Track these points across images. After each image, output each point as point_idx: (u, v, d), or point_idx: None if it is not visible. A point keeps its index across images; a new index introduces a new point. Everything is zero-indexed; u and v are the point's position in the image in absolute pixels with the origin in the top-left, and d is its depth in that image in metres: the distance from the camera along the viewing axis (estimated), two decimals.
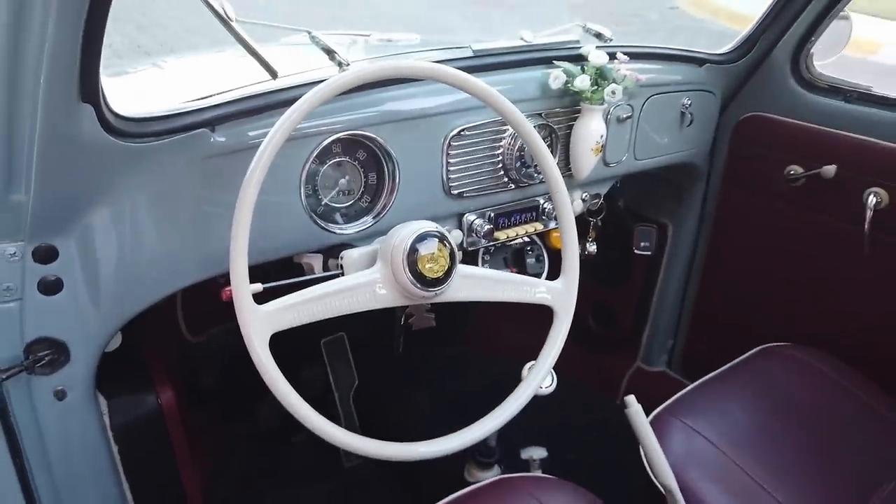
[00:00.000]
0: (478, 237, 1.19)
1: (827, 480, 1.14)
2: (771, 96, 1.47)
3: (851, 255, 1.39)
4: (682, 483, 1.03)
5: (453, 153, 1.10)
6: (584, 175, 1.25)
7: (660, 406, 1.24)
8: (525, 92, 1.16)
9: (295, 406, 0.81)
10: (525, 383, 0.97)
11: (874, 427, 1.25)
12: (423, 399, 1.75)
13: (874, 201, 1.33)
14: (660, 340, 1.80)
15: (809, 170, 1.40)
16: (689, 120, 1.42)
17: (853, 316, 1.44)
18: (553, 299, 0.99)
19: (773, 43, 1.44)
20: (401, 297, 0.88)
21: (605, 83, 1.15)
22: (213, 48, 1.58)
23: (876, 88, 1.38)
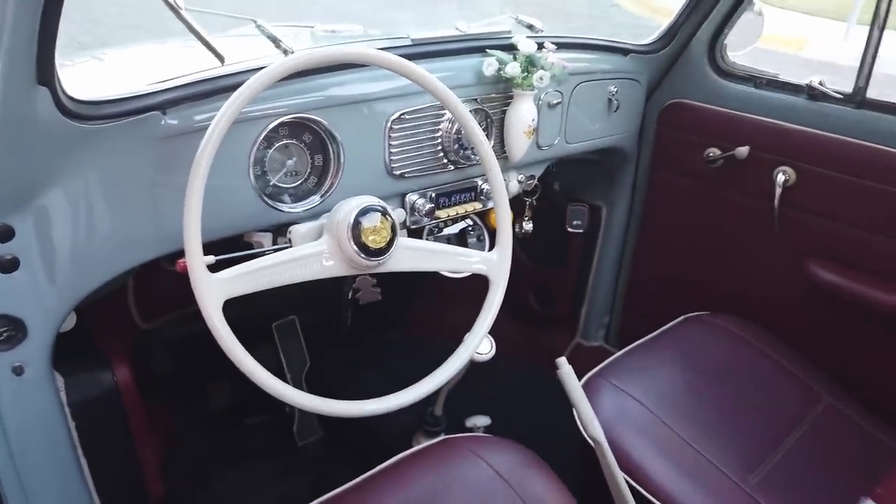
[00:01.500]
0: (420, 216, 1.26)
1: (743, 432, 1.25)
2: (691, 84, 1.59)
3: (764, 229, 1.52)
4: (610, 437, 1.13)
5: (395, 136, 1.17)
6: (518, 157, 1.33)
7: (592, 370, 1.34)
8: (461, 78, 1.23)
9: (250, 368, 0.87)
10: (463, 346, 1.04)
11: (786, 385, 1.38)
12: (373, 378, 1.82)
13: (783, 179, 1.46)
14: (597, 316, 1.91)
15: (726, 151, 1.53)
16: (616, 106, 1.52)
17: (767, 285, 1.57)
18: (488, 269, 1.07)
19: (691, 34, 1.56)
20: (346, 268, 0.95)
21: (535, 70, 1.23)
22: (154, 41, 1.61)
23: (782, 75, 1.51)
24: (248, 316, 1.14)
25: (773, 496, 1.13)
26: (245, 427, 1.73)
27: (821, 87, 1.42)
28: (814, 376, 1.39)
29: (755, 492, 1.14)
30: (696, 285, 1.69)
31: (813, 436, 1.27)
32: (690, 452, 1.19)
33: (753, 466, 1.18)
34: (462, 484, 1.05)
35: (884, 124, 1.35)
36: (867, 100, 1.38)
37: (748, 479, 1.16)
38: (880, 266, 1.38)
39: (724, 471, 1.16)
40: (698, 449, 1.19)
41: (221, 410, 1.72)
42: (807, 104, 1.44)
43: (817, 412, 1.31)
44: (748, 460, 1.19)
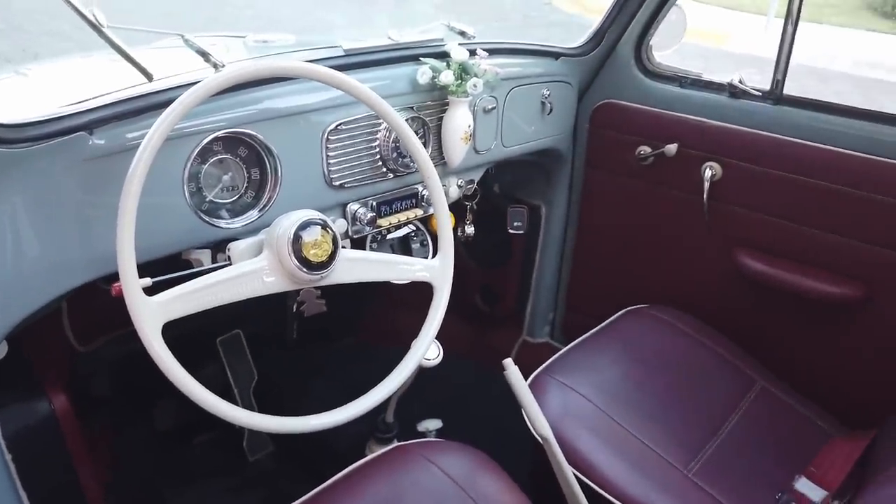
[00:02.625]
0: (362, 225, 1.26)
1: (684, 420, 1.30)
2: (620, 85, 1.64)
3: (695, 222, 1.58)
4: (559, 433, 1.15)
5: (332, 147, 1.16)
6: (456, 163, 1.35)
7: (538, 369, 1.37)
8: (396, 87, 1.24)
9: (194, 391, 0.85)
10: (410, 353, 1.05)
11: (721, 372, 1.44)
12: (324, 387, 1.81)
13: (710, 174, 1.52)
14: (541, 313, 1.95)
15: (656, 149, 1.58)
16: (550, 109, 1.55)
17: (701, 276, 1.63)
18: (431, 276, 1.08)
19: (617, 37, 1.61)
20: (288, 283, 0.95)
21: (468, 77, 1.25)
22: (81, 53, 1.56)
23: (705, 74, 1.57)
24: (190, 333, 1.12)
25: (714, 480, 1.18)
26: (194, 446, 1.69)
27: (741, 85, 1.49)
28: (747, 362, 1.46)
29: (697, 477, 1.18)
30: (635, 279, 1.75)
31: (749, 420, 1.33)
32: (635, 443, 1.23)
33: (695, 453, 1.23)
34: (415, 490, 1.06)
35: (800, 119, 1.43)
36: (784, 96, 1.45)
37: (690, 465, 1.21)
38: (803, 254, 1.45)
39: (668, 459, 1.20)
40: (642, 439, 1.23)
41: (168, 430, 1.68)
42: (729, 102, 1.51)
43: (751, 397, 1.38)
44: (690, 447, 1.24)
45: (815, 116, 1.42)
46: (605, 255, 1.79)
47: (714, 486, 1.17)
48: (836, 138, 1.38)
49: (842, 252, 1.40)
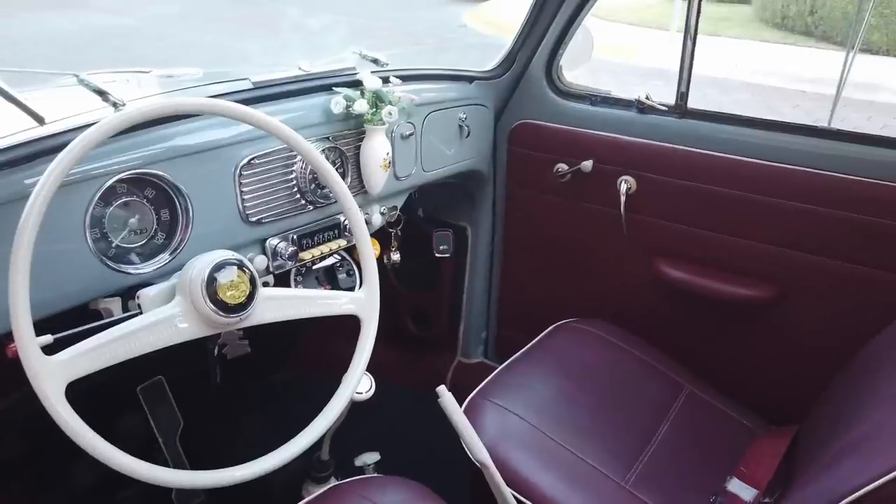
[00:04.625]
0: (283, 260, 1.23)
1: (617, 431, 1.32)
2: (534, 105, 1.67)
3: (616, 235, 1.62)
4: (496, 456, 1.14)
5: (246, 182, 1.13)
6: (377, 191, 1.34)
7: (472, 392, 1.36)
8: (310, 118, 1.22)
9: (106, 454, 0.80)
10: (339, 390, 1.02)
11: (650, 380, 1.47)
12: (253, 428, 1.74)
13: (625, 187, 1.57)
14: (474, 334, 1.95)
15: (573, 166, 1.61)
16: (468, 132, 1.57)
17: (625, 287, 1.67)
18: (357, 308, 1.06)
19: (528, 59, 1.64)
20: (205, 328, 0.90)
21: (383, 105, 1.25)
22: None
23: (615, 92, 1.62)
24: (107, 382, 1.05)
25: (650, 489, 1.20)
26: (119, 501, 1.59)
27: (648, 101, 1.54)
28: (673, 368, 1.50)
29: (634, 488, 1.20)
30: (563, 293, 1.77)
31: (679, 425, 1.36)
32: (572, 459, 1.23)
33: (630, 463, 1.25)
34: None
35: (704, 130, 1.49)
36: (689, 109, 1.52)
37: (627, 476, 1.22)
38: (719, 259, 1.51)
39: (605, 472, 1.21)
40: (579, 455, 1.24)
41: (90, 487, 1.57)
42: (638, 117, 1.56)
43: (680, 402, 1.41)
44: (625, 458, 1.26)
45: (718, 128, 1.48)
46: (533, 272, 1.81)
47: (651, 494, 1.19)
48: (738, 147, 1.45)
49: (754, 255, 1.47)
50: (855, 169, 1.34)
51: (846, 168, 1.35)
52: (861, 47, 1.76)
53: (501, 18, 7.90)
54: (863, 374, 1.20)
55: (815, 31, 7.93)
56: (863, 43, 2.19)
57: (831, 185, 1.36)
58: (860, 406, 1.06)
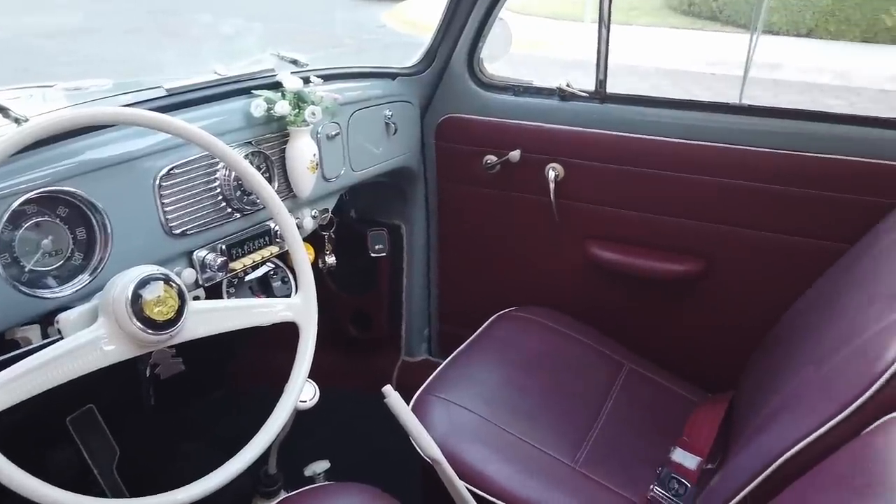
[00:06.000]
0: (213, 271, 1.18)
1: (564, 415, 1.34)
2: (458, 99, 1.68)
3: (548, 222, 1.64)
4: (447, 451, 1.14)
5: (166, 193, 1.08)
6: (306, 194, 1.31)
7: (419, 389, 1.36)
8: (230, 123, 1.18)
9: (31, 488, 0.75)
10: (281, 402, 0.99)
11: (592, 361, 1.50)
12: (196, 448, 1.68)
13: (553, 174, 1.59)
14: (417, 331, 1.94)
15: (501, 157, 1.63)
16: (395, 129, 1.56)
17: (561, 273, 1.70)
18: (294, 314, 1.03)
19: (449, 53, 1.64)
20: (133, 348, 0.86)
21: (305, 106, 1.22)
22: None
23: (536, 81, 1.65)
24: (33, 415, 0.99)
25: (599, 467, 1.23)
26: None
27: (569, 88, 1.57)
28: (613, 348, 1.53)
29: (584, 468, 1.22)
30: (502, 284, 1.79)
31: (622, 402, 1.39)
32: (522, 446, 1.24)
33: (578, 444, 1.27)
34: None
35: (625, 114, 1.53)
36: (609, 94, 1.56)
37: (576, 457, 1.24)
38: (647, 238, 1.56)
39: (555, 455, 1.23)
40: (528, 441, 1.25)
41: None
42: (561, 105, 1.59)
43: (621, 380, 1.45)
44: (573, 440, 1.28)
45: (638, 110, 1.53)
46: (471, 265, 1.82)
47: (601, 473, 1.21)
48: (657, 128, 1.49)
49: (680, 232, 1.52)
50: (766, 142, 1.40)
51: (758, 141, 1.41)
52: (763, 29, 1.85)
53: (420, 17, 7.90)
54: (787, 338, 1.26)
55: (721, 16, 8.29)
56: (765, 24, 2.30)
57: (745, 158, 1.42)
58: (786, 368, 1.11)
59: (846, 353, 0.88)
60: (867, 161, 1.33)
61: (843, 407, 0.76)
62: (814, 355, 1.01)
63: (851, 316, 0.99)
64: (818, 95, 5.98)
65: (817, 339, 1.07)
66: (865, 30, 7.09)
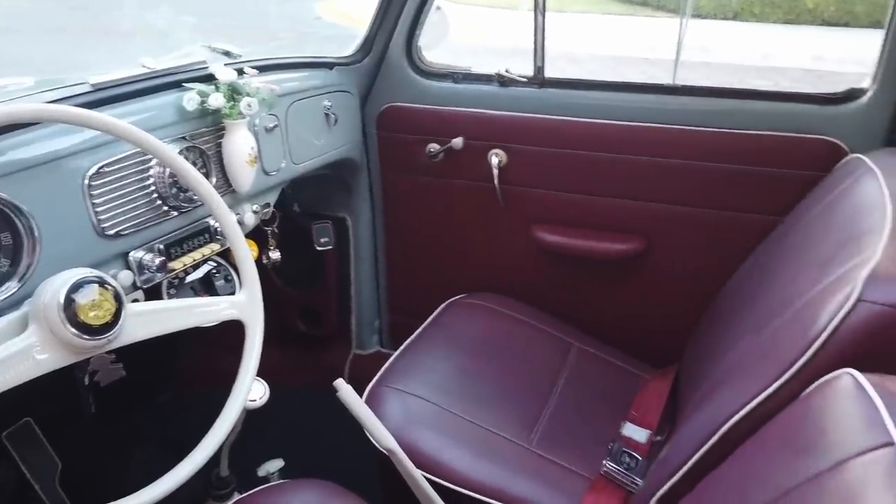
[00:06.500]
0: (151, 272, 1.14)
1: (517, 397, 1.35)
2: (398, 87, 1.66)
3: (493, 208, 1.65)
4: (403, 441, 1.14)
5: (97, 193, 1.04)
6: (246, 189, 1.28)
7: (371, 382, 1.35)
8: (161, 118, 1.14)
9: None
10: (229, 403, 0.97)
11: (542, 343, 1.52)
12: (143, 454, 1.63)
13: (497, 160, 1.60)
14: (367, 324, 1.93)
15: (444, 145, 1.63)
16: (335, 120, 1.53)
17: (508, 258, 1.71)
18: (239, 312, 1.01)
19: (387, 41, 1.63)
20: (68, 356, 0.82)
21: (240, 98, 1.19)
22: None
23: (474, 68, 1.65)
24: None
25: (553, 446, 1.24)
26: None
27: (508, 74, 1.58)
28: (561, 329, 1.56)
29: (539, 447, 1.24)
30: (451, 272, 1.79)
31: (572, 381, 1.42)
32: (477, 431, 1.25)
33: (532, 425, 1.28)
34: None
35: (563, 98, 1.55)
36: (547, 79, 1.57)
37: (531, 438, 1.26)
38: (590, 219, 1.58)
39: (510, 438, 1.24)
40: (483, 425, 1.26)
41: None
42: (501, 91, 1.59)
43: (570, 360, 1.47)
44: (527, 422, 1.29)
45: (576, 94, 1.55)
46: (418, 254, 1.82)
47: (555, 451, 1.23)
48: (596, 111, 1.52)
49: (621, 212, 1.55)
50: (699, 121, 1.45)
51: (692, 120, 1.45)
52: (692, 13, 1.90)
53: (354, 9, 7.80)
54: (726, 310, 1.30)
55: (651, 1, 8.49)
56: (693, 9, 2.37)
57: (680, 137, 1.46)
58: (727, 339, 1.15)
59: (782, 321, 0.91)
60: (793, 136, 1.39)
61: (782, 372, 0.79)
62: (752, 325, 1.05)
63: (785, 285, 1.03)
64: (745, 76, 6.21)
65: (754, 309, 1.11)
66: (788, 11, 7.39)
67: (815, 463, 0.55)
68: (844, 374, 0.63)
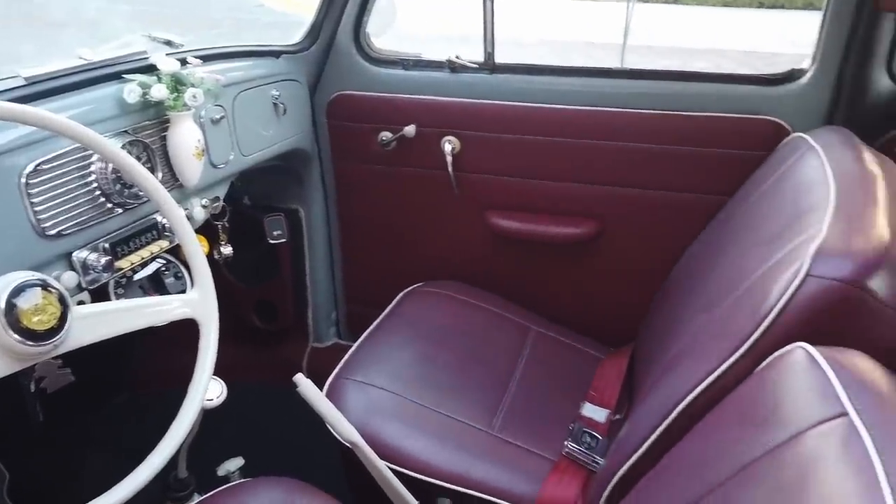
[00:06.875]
0: (97, 273, 1.10)
1: (478, 383, 1.36)
2: (347, 75, 1.64)
3: (448, 195, 1.65)
4: (365, 433, 1.13)
5: (35, 192, 0.99)
6: (193, 182, 1.24)
7: (331, 375, 1.34)
8: (101, 111, 1.09)
9: None
10: (186, 403, 0.94)
11: (500, 328, 1.53)
12: (98, 461, 1.58)
13: (450, 147, 1.59)
14: (324, 316, 1.90)
15: (396, 133, 1.61)
16: (284, 109, 1.50)
17: (464, 245, 1.71)
18: (192, 311, 0.98)
19: (334, 28, 1.60)
20: (12, 363, 0.79)
21: (185, 88, 1.15)
22: None
23: (424, 54, 1.63)
24: None
25: (515, 429, 1.26)
26: None
27: (458, 60, 1.57)
28: (519, 314, 1.57)
29: (500, 432, 1.25)
30: (408, 260, 1.78)
31: (531, 365, 1.43)
32: (440, 419, 1.25)
33: (493, 410, 1.29)
34: None
35: (515, 83, 1.55)
36: (498, 65, 1.57)
37: (493, 423, 1.26)
38: (545, 204, 1.59)
39: (472, 424, 1.25)
40: (445, 413, 1.26)
41: None
42: (452, 77, 1.58)
43: (529, 344, 1.49)
44: (488, 406, 1.30)
45: (527, 79, 1.55)
46: (374, 245, 1.80)
47: (517, 435, 1.24)
48: (547, 96, 1.52)
49: (574, 196, 1.56)
50: (647, 103, 1.47)
51: (639, 103, 1.47)
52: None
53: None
54: (678, 289, 1.33)
55: None
56: None
57: (629, 120, 1.48)
58: (681, 317, 1.18)
59: (734, 298, 0.94)
60: (738, 116, 1.42)
61: (735, 348, 0.81)
62: (704, 303, 1.08)
63: (735, 263, 1.06)
64: (688, 58, 6.34)
65: (706, 287, 1.13)
66: None
67: (772, 436, 0.57)
68: (797, 349, 0.65)
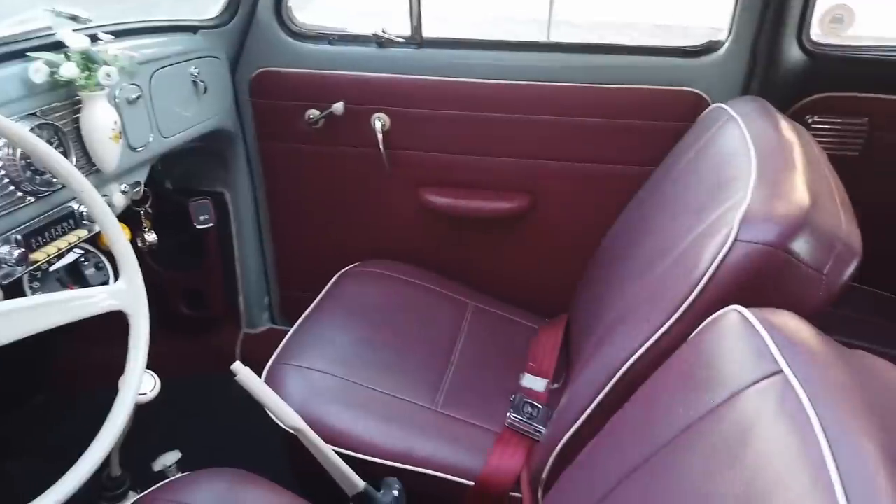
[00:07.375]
0: (10, 266, 1.03)
1: (420, 361, 1.36)
2: (270, 51, 1.58)
3: (380, 173, 1.62)
4: (308, 417, 1.11)
5: None
6: (111, 167, 1.17)
7: (269, 361, 1.31)
8: (5, 93, 1.01)
9: None
10: (119, 399, 0.90)
11: (439, 305, 1.53)
12: (20, 466, 1.49)
13: (380, 125, 1.57)
14: (256, 302, 1.86)
15: (324, 111, 1.57)
16: (204, 88, 1.43)
17: (399, 223, 1.70)
18: (121, 302, 0.93)
19: (254, 1, 1.53)
20: None
21: (97, 67, 1.08)
22: None
23: (350, 29, 1.59)
24: None
25: (458, 404, 1.27)
26: None
27: (385, 34, 1.54)
28: (456, 290, 1.58)
29: (444, 408, 1.26)
30: (342, 241, 1.75)
31: (471, 340, 1.44)
32: (383, 399, 1.25)
33: (436, 387, 1.30)
34: None
35: (443, 58, 1.54)
36: (425, 39, 1.55)
37: (436, 399, 1.27)
38: (477, 180, 1.60)
39: (415, 402, 1.25)
40: (388, 392, 1.26)
41: None
42: (379, 52, 1.55)
43: (468, 319, 1.50)
44: (431, 383, 1.31)
45: (454, 53, 1.54)
46: (306, 226, 1.76)
47: (461, 410, 1.26)
48: (475, 71, 1.52)
49: (505, 170, 1.58)
50: (572, 77, 1.49)
51: (565, 77, 1.49)
52: None
53: None
54: (609, 259, 1.37)
55: None
56: None
57: (555, 94, 1.50)
58: (613, 286, 1.21)
59: (665, 266, 0.97)
60: (660, 88, 1.47)
61: (671, 313, 0.84)
62: (636, 271, 1.11)
63: (664, 231, 1.09)
64: (604, 32, 6.48)
65: (637, 256, 1.17)
66: None
67: (712, 397, 0.60)
68: (731, 311, 0.68)
